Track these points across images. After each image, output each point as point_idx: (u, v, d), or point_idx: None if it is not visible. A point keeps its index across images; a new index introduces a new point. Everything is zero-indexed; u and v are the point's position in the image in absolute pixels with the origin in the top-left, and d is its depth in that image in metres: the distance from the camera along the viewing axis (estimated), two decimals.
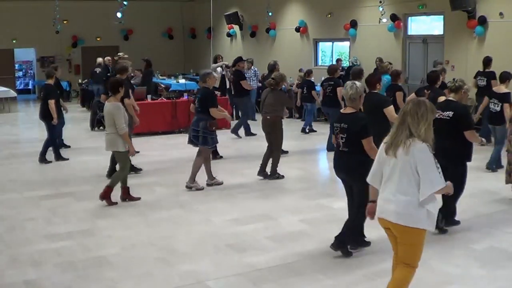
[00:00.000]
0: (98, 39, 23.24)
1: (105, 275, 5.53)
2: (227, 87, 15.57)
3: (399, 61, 15.75)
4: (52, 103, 10.43)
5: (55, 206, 7.89)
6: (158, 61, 20.33)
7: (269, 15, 19.25)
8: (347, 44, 18.07)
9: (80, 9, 22.34)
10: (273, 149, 9.27)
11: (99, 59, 17.77)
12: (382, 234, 6.22)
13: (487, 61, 11.96)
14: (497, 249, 6.10)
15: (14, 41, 22.13)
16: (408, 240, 4.22)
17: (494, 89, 9.86)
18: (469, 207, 7.63)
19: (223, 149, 11.37)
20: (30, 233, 6.81)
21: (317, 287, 5.26)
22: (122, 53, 16.22)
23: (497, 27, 13.16)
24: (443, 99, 7.13)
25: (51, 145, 10.70)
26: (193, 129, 8.51)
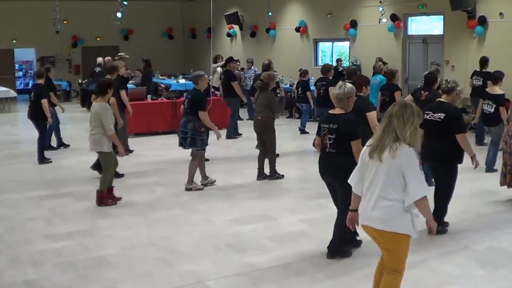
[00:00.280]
0: (98, 39, 23.23)
1: (105, 275, 5.53)
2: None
3: (399, 61, 15.76)
4: (45, 102, 10.38)
5: (55, 206, 7.89)
6: (158, 61, 20.34)
7: (269, 15, 19.24)
8: (347, 44, 18.07)
9: (80, 9, 22.33)
10: (267, 150, 9.23)
11: (99, 59, 17.77)
12: None
13: (483, 61, 11.88)
14: (497, 249, 6.10)
15: (14, 41, 22.13)
16: (393, 246, 4.13)
17: (487, 90, 9.69)
18: (469, 207, 7.64)
19: (223, 149, 11.39)
20: (30, 233, 6.81)
21: (317, 287, 5.26)
22: (122, 53, 16.24)
23: (497, 27, 13.16)
24: None
25: (42, 144, 10.66)
26: (181, 130, 8.40)
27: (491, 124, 9.37)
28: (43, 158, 10.62)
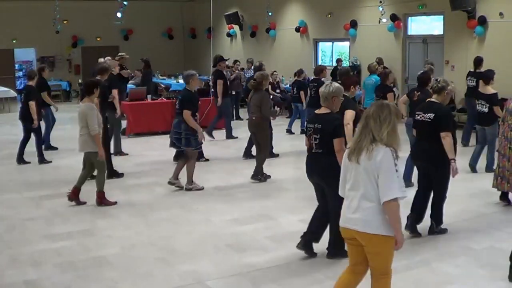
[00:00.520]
0: (98, 39, 23.23)
1: (105, 275, 5.53)
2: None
3: (399, 61, 15.77)
4: (32, 104, 10.26)
5: (55, 206, 7.89)
6: (158, 61, 20.36)
7: (269, 15, 19.25)
8: (347, 44, 18.07)
9: (80, 9, 22.33)
10: (260, 150, 9.21)
11: (101, 60, 17.75)
12: None
13: (477, 61, 11.76)
14: (497, 249, 6.10)
15: (14, 41, 22.12)
16: (377, 248, 4.03)
17: (480, 90, 9.56)
18: (469, 207, 7.64)
19: (224, 149, 11.38)
20: (30, 233, 6.81)
21: (317, 287, 5.26)
22: (123, 53, 16.22)
23: (497, 27, 13.16)
24: None
25: (41, 144, 10.58)
26: (175, 131, 8.33)
27: (486, 123, 9.27)
28: (43, 159, 10.60)
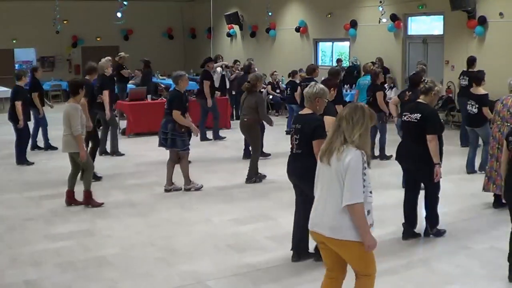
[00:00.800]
0: (98, 39, 23.22)
1: (105, 275, 5.53)
2: (227, 87, 15.53)
3: (399, 61, 15.77)
4: (18, 105, 10.20)
5: (55, 206, 7.88)
6: (158, 61, 20.35)
7: (269, 15, 19.23)
8: (347, 44, 18.07)
9: (80, 9, 22.32)
10: (251, 151, 9.18)
11: (103, 60, 17.72)
12: (381, 234, 6.24)
13: (470, 61, 11.67)
14: (497, 249, 6.10)
15: (14, 41, 22.11)
16: (349, 254, 3.96)
17: (471, 90, 9.44)
18: (469, 207, 7.64)
19: (224, 149, 11.38)
20: (30, 233, 6.81)
21: (317, 287, 5.25)
22: (123, 53, 16.24)
23: (497, 27, 13.16)
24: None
25: (26, 145, 10.55)
26: (162, 131, 8.34)
27: (475, 125, 9.14)
28: (24, 159, 10.49)
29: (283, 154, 10.92)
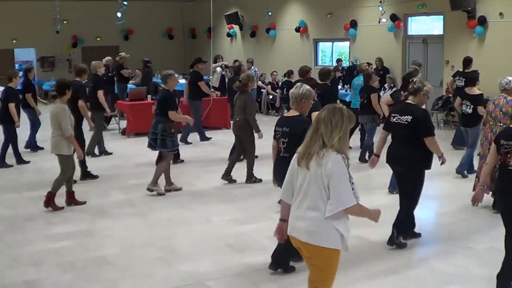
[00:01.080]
0: (98, 39, 23.22)
1: (105, 275, 5.53)
2: (227, 87, 15.52)
3: (399, 61, 15.77)
4: (12, 106, 10.14)
5: None
6: (158, 61, 20.30)
7: (269, 15, 19.24)
8: (347, 44, 18.08)
9: (80, 9, 22.31)
10: (245, 153, 9.11)
11: (105, 60, 17.72)
12: (378, 234, 6.24)
13: (467, 61, 11.62)
14: (497, 249, 6.09)
15: (14, 41, 22.10)
16: (319, 261, 3.83)
17: (466, 90, 9.42)
18: (468, 207, 7.62)
19: (224, 149, 11.37)
20: (30, 233, 6.81)
21: None
22: (123, 53, 16.24)
23: (497, 27, 13.16)
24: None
25: (7, 148, 10.44)
26: (152, 132, 8.29)
27: (469, 125, 9.12)
28: (3, 162, 10.40)
29: None
